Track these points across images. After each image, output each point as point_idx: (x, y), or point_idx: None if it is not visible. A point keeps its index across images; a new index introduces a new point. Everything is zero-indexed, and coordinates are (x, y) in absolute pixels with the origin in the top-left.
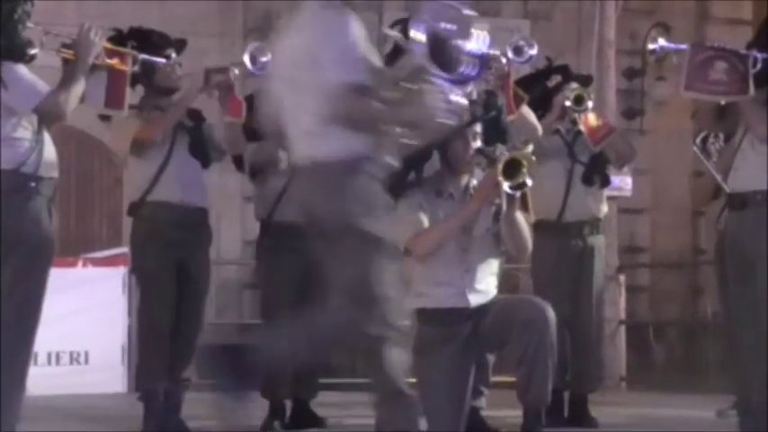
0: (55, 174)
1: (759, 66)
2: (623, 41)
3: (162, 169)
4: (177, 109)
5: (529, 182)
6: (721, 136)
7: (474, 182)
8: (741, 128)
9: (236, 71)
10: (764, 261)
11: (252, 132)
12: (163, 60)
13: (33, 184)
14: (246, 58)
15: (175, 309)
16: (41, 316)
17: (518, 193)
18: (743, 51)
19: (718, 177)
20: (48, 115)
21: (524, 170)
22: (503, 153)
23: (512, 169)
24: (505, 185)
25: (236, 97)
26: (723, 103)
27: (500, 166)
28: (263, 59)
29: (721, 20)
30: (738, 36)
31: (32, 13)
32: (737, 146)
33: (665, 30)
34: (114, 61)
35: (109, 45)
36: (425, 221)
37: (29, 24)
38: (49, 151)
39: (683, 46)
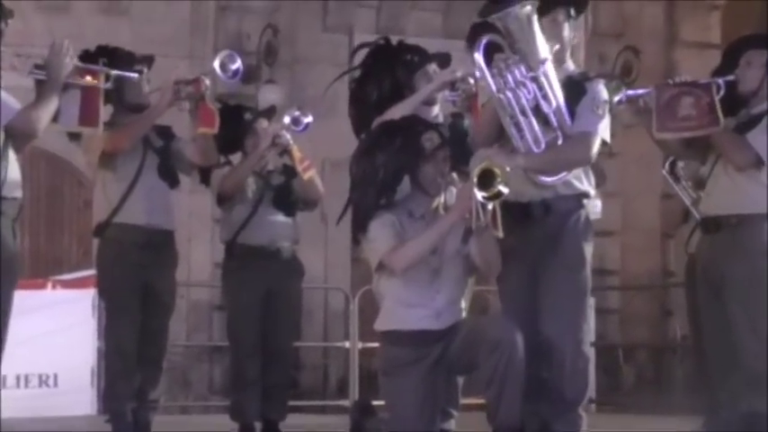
0: (19, 194)
1: (723, 91)
2: (592, 64)
3: (129, 191)
4: (145, 120)
5: (505, 191)
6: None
7: (442, 201)
8: (712, 154)
9: (207, 81)
10: (734, 282)
11: (225, 144)
12: (135, 75)
13: None
14: (216, 65)
15: (141, 330)
16: (9, 337)
17: (491, 205)
18: (704, 81)
19: (687, 201)
20: (19, 132)
21: (498, 180)
22: (475, 165)
23: (486, 180)
24: (479, 196)
25: (208, 108)
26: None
27: (474, 178)
28: (233, 67)
29: (690, 43)
30: (706, 60)
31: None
32: (710, 171)
33: (634, 53)
34: (87, 79)
35: (80, 63)
36: (399, 239)
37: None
38: (13, 171)
39: (647, 90)
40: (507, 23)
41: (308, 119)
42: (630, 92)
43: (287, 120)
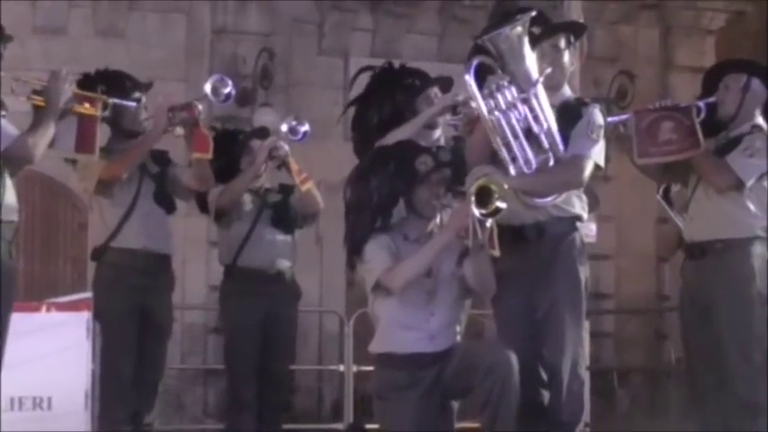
0: (15, 217)
1: (704, 114)
2: (588, 89)
3: (127, 216)
4: (141, 147)
5: (503, 206)
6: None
7: (438, 223)
8: (693, 177)
9: (200, 106)
10: (722, 308)
11: (222, 169)
12: (133, 104)
13: None
14: (208, 89)
15: (138, 354)
16: (4, 360)
17: (488, 223)
18: (684, 104)
19: (682, 226)
20: (16, 158)
21: (496, 196)
22: (471, 182)
23: (483, 198)
24: (477, 213)
25: (201, 132)
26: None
27: (472, 195)
28: (225, 91)
29: (684, 68)
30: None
31: None
32: (691, 195)
33: (629, 78)
34: (85, 106)
35: (79, 91)
36: (395, 260)
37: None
38: (10, 195)
39: (627, 116)
40: (498, 45)
41: (305, 127)
42: (610, 118)
43: (284, 128)
